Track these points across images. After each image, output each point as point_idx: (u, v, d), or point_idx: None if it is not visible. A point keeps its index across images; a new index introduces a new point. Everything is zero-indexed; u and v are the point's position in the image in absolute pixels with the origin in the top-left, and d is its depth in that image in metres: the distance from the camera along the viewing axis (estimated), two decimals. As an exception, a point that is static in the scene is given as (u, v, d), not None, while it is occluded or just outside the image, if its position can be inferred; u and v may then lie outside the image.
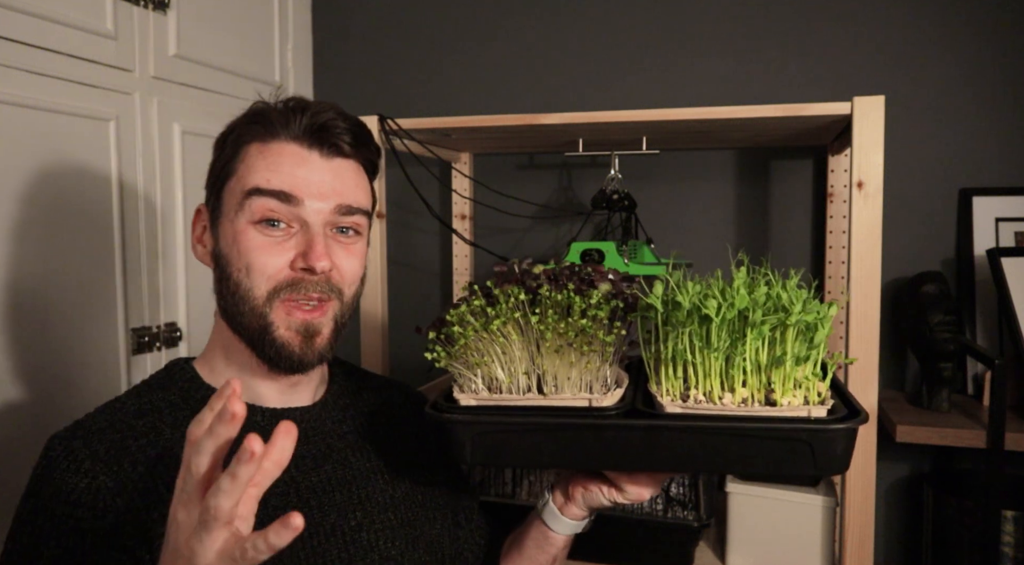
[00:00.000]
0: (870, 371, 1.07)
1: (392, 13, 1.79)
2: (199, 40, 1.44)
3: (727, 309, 0.75)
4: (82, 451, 0.77)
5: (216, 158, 0.87)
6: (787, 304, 0.76)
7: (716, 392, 0.77)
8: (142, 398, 0.84)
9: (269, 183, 0.80)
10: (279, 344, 0.81)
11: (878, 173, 1.07)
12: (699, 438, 0.75)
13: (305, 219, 0.82)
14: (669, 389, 0.79)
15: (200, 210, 0.88)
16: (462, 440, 0.79)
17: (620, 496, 0.88)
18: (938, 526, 1.36)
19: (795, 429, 0.73)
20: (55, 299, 1.18)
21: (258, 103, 0.86)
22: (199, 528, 0.55)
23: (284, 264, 0.81)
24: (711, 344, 0.76)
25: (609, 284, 0.87)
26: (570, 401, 0.79)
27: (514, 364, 0.81)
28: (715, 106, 1.21)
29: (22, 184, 1.13)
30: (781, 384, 0.76)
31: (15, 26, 1.10)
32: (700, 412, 0.76)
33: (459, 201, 1.70)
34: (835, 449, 0.73)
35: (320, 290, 0.82)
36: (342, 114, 0.85)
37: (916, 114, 1.52)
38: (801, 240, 1.60)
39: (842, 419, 0.73)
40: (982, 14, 1.48)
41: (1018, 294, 1.35)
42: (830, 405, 0.75)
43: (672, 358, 0.78)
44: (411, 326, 1.79)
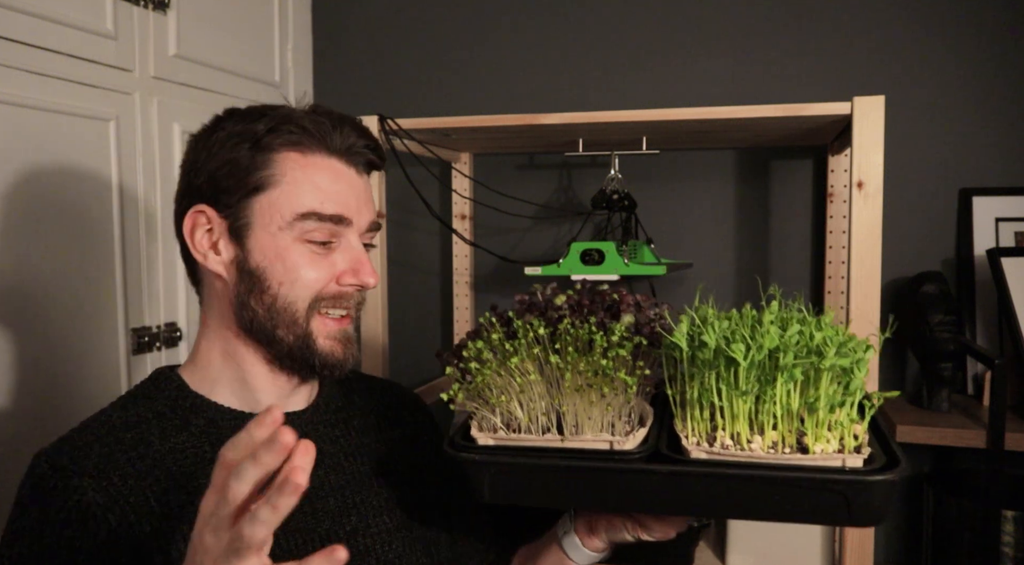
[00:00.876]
0: (870, 371, 1.07)
1: (392, 13, 1.78)
2: (199, 40, 1.44)
3: (755, 351, 0.70)
4: (69, 467, 0.75)
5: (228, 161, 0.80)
6: (821, 346, 0.71)
7: (744, 435, 0.73)
8: (128, 410, 0.83)
9: (324, 207, 0.81)
10: (323, 353, 0.83)
11: (878, 173, 1.07)
12: (725, 485, 0.71)
13: (345, 234, 0.84)
14: (695, 429, 0.75)
15: (203, 212, 0.82)
16: (480, 479, 0.77)
17: (645, 533, 0.87)
18: (938, 526, 1.36)
19: (829, 480, 0.68)
20: (55, 299, 1.18)
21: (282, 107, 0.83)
22: (229, 554, 0.55)
23: (330, 278, 0.83)
24: (739, 387, 0.72)
25: (632, 316, 0.83)
26: (591, 443, 0.76)
27: (533, 402, 0.78)
28: (715, 106, 1.21)
29: (22, 184, 1.13)
30: (813, 430, 0.71)
31: (15, 26, 1.10)
32: (727, 459, 0.71)
33: (459, 201, 1.70)
34: (872, 501, 0.68)
35: (357, 302, 0.86)
36: (363, 128, 0.86)
37: (916, 114, 1.52)
38: (801, 240, 1.60)
39: (880, 470, 0.68)
40: (982, 14, 1.48)
41: (1018, 294, 1.35)
42: (867, 453, 0.70)
43: (698, 399, 0.75)
44: (411, 326, 1.80)
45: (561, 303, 0.86)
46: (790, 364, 0.70)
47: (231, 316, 0.83)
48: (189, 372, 0.87)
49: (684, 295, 1.65)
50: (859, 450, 0.70)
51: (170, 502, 0.76)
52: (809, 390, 0.72)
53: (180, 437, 0.81)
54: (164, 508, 0.75)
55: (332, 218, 0.81)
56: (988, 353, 1.25)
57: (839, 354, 0.70)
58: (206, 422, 0.82)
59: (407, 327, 1.79)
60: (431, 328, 1.82)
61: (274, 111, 0.83)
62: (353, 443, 0.92)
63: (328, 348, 0.83)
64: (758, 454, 0.71)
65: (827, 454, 0.70)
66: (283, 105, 0.84)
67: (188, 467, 0.79)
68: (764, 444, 0.72)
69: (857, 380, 0.71)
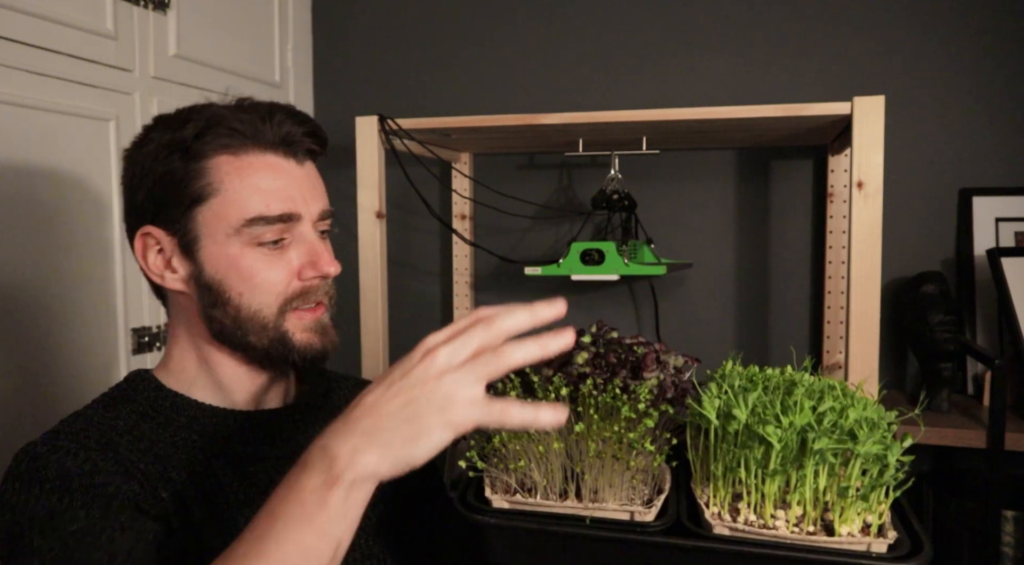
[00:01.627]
0: (870, 371, 1.07)
1: (392, 13, 1.79)
2: (199, 40, 1.44)
3: (787, 432, 0.68)
4: (71, 445, 0.73)
5: (162, 175, 0.79)
6: (854, 428, 0.68)
7: (769, 509, 0.71)
8: (111, 410, 0.82)
9: (269, 208, 0.78)
10: (302, 347, 0.82)
11: (878, 173, 1.07)
12: (746, 563, 0.70)
13: (298, 229, 0.81)
14: (717, 499, 0.74)
15: (149, 233, 0.81)
16: (492, 542, 0.76)
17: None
18: (938, 526, 1.35)
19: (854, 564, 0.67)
20: (55, 299, 1.18)
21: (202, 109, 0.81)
22: (467, 372, 0.61)
23: (291, 276, 0.81)
24: (768, 467, 0.70)
25: (656, 378, 0.80)
26: (612, 513, 0.74)
27: (552, 464, 0.76)
28: (715, 106, 1.21)
29: (22, 184, 1.13)
30: (839, 514, 0.69)
31: (15, 26, 1.10)
32: (751, 537, 0.70)
33: (459, 201, 1.70)
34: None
35: (326, 292, 0.84)
36: (299, 114, 0.83)
37: (916, 114, 1.52)
38: (801, 240, 1.60)
39: (905, 557, 0.67)
40: (982, 14, 1.48)
41: (1018, 294, 1.35)
42: (892, 538, 0.69)
43: (723, 473, 0.73)
44: (411, 326, 1.80)
45: (583, 361, 0.82)
46: (824, 448, 0.68)
47: (201, 326, 0.82)
48: (164, 375, 0.86)
49: (684, 295, 1.65)
50: (882, 531, 0.69)
51: (172, 480, 0.76)
52: (838, 468, 0.70)
53: (168, 430, 0.80)
54: (170, 483, 0.75)
55: (280, 218, 0.79)
56: (988, 353, 1.25)
57: (874, 439, 0.68)
58: (188, 419, 0.82)
59: (407, 327, 1.79)
60: (431, 328, 1.82)
61: (200, 113, 0.80)
62: None
63: (306, 341, 0.82)
64: (782, 532, 0.69)
65: (853, 537, 0.68)
66: (209, 104, 0.82)
67: (181, 454, 0.79)
68: (789, 520, 0.70)
69: (891, 468, 0.69)
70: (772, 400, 0.71)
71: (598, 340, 0.87)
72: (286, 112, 0.82)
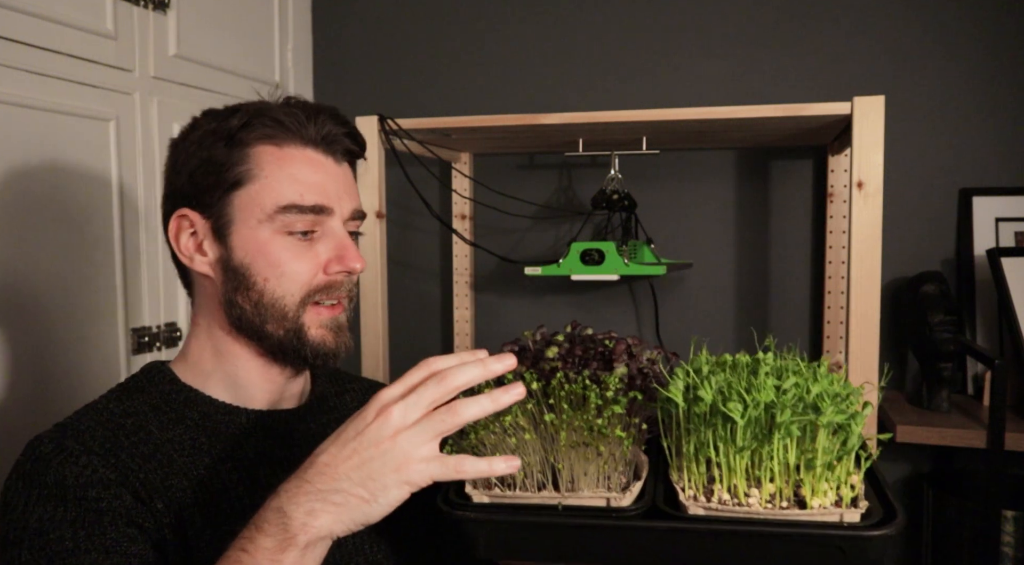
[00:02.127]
0: (870, 371, 1.07)
1: (392, 13, 1.78)
2: (199, 40, 1.44)
3: (752, 408, 0.70)
4: (74, 447, 0.74)
5: (205, 160, 0.81)
6: (817, 401, 0.70)
7: (742, 487, 0.73)
8: (123, 402, 0.82)
9: (303, 199, 0.80)
10: (315, 343, 0.82)
11: (878, 173, 1.07)
12: (723, 541, 0.71)
13: (328, 224, 0.83)
14: (692, 482, 0.75)
15: (185, 215, 0.82)
16: (475, 537, 0.77)
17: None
18: (938, 526, 1.36)
19: (827, 535, 0.69)
20: (55, 299, 1.18)
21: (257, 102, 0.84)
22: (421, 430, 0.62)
23: (317, 269, 0.82)
24: (736, 443, 0.72)
25: (626, 367, 0.82)
26: (588, 500, 0.75)
27: (528, 457, 0.77)
28: (715, 106, 1.21)
29: (22, 184, 1.13)
30: (811, 484, 0.71)
31: (15, 26, 1.10)
32: (725, 515, 0.71)
33: (459, 201, 1.70)
34: (870, 555, 0.69)
35: (348, 290, 0.85)
36: (340, 117, 0.85)
37: (916, 114, 1.52)
38: (801, 240, 1.60)
39: (877, 524, 0.69)
40: (982, 15, 1.48)
41: (1018, 294, 1.35)
42: (864, 507, 0.71)
43: (695, 453, 0.74)
44: (411, 326, 1.80)
45: (553, 355, 0.84)
46: (787, 421, 0.70)
47: (221, 315, 0.83)
48: (180, 368, 0.86)
49: (684, 295, 1.65)
50: (856, 502, 0.71)
51: (172, 486, 0.76)
52: (806, 443, 0.71)
53: (177, 429, 0.80)
54: (169, 491, 0.75)
55: (313, 209, 0.81)
56: (988, 353, 1.25)
57: (836, 408, 0.70)
58: (200, 415, 0.82)
59: (407, 327, 1.79)
60: (431, 328, 1.82)
61: (247, 106, 0.83)
62: None
63: (320, 337, 0.83)
64: (756, 509, 0.71)
65: (825, 509, 0.70)
66: (257, 101, 0.84)
67: (187, 456, 0.79)
68: (762, 498, 0.72)
69: (854, 436, 0.70)
70: (737, 380, 0.73)
71: (573, 337, 0.88)
72: (329, 113, 0.84)
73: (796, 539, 0.69)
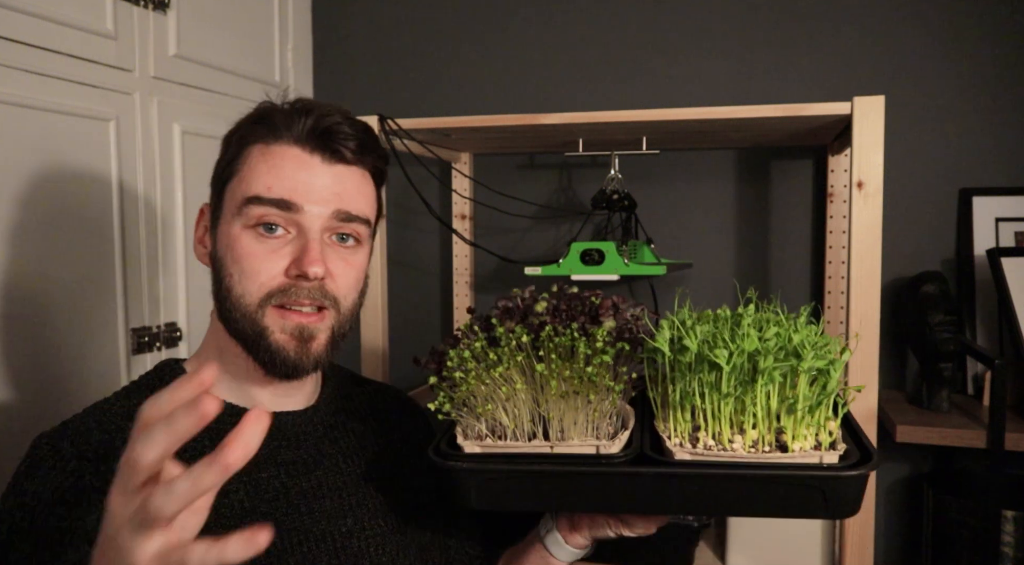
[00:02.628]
0: (870, 371, 1.07)
1: (392, 13, 1.78)
2: (199, 40, 1.44)
3: (737, 356, 0.73)
4: (69, 451, 0.75)
5: (220, 157, 0.86)
6: (799, 348, 0.73)
7: (726, 434, 0.75)
8: (131, 399, 0.82)
9: (270, 191, 0.79)
10: (274, 348, 0.80)
11: (878, 173, 1.07)
12: (709, 485, 0.74)
13: (303, 224, 0.80)
14: (678, 431, 0.77)
15: (203, 210, 0.87)
16: (467, 487, 0.77)
17: (627, 530, 0.87)
18: (938, 526, 1.36)
19: (808, 477, 0.72)
20: (55, 299, 1.18)
21: (264, 103, 0.85)
22: (134, 525, 0.47)
23: (279, 271, 0.80)
24: (721, 390, 0.74)
25: (614, 321, 0.84)
26: (577, 448, 0.77)
27: (519, 408, 0.79)
28: (715, 106, 1.21)
29: (22, 184, 1.13)
30: (792, 429, 0.74)
31: (15, 26, 1.10)
32: (710, 459, 0.74)
33: (459, 201, 1.70)
34: (847, 495, 0.72)
35: (313, 297, 0.80)
36: (349, 119, 0.83)
37: (916, 114, 1.52)
38: (801, 240, 1.60)
39: (855, 465, 0.72)
40: (982, 15, 1.48)
41: (1018, 294, 1.35)
42: (842, 450, 0.74)
43: (680, 401, 0.76)
44: (411, 326, 1.80)
45: (542, 309, 0.85)
46: (770, 367, 0.72)
47: (215, 308, 0.85)
48: (192, 365, 0.87)
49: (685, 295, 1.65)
50: (834, 446, 0.74)
51: None
52: (787, 391, 0.74)
53: None
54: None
55: (276, 203, 0.79)
56: (988, 353, 1.25)
57: (816, 356, 0.72)
58: None
59: (407, 327, 1.79)
60: (431, 328, 1.82)
61: (258, 108, 0.85)
62: (352, 445, 0.91)
63: (280, 343, 0.80)
64: (740, 454, 0.74)
65: (806, 452, 0.73)
66: (270, 102, 0.85)
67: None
68: (745, 443, 0.75)
69: (833, 381, 0.73)
70: (721, 330, 0.76)
71: (560, 296, 0.90)
72: (333, 112, 0.82)
73: (779, 481, 0.72)
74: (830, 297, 1.51)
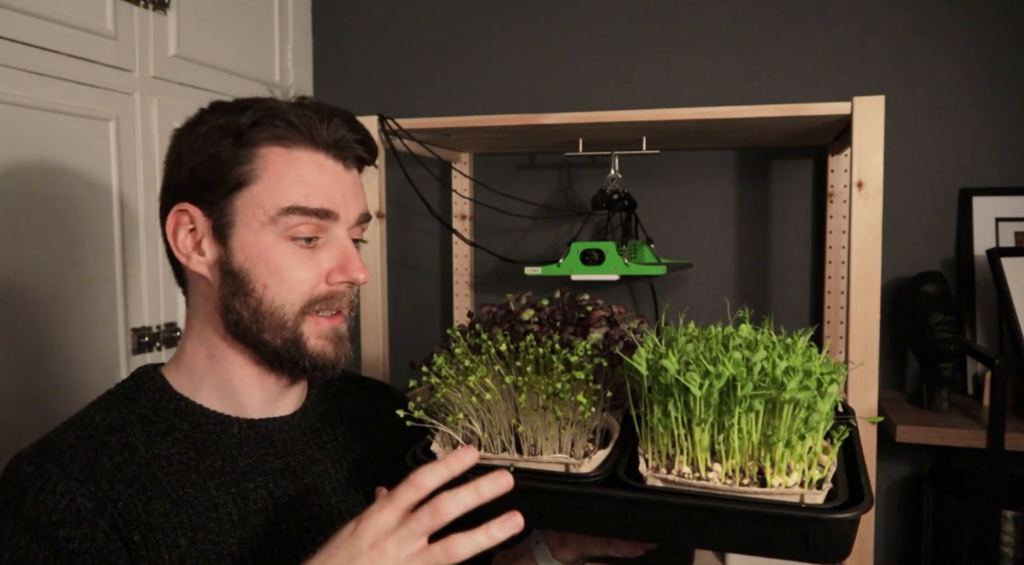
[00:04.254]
0: (870, 371, 1.07)
1: (392, 13, 1.79)
2: (199, 40, 1.44)
3: (714, 379, 0.67)
4: (54, 471, 0.72)
5: (211, 156, 0.78)
6: (781, 376, 0.67)
7: (704, 462, 0.71)
8: (111, 412, 0.80)
9: (308, 201, 0.78)
10: (315, 353, 0.80)
11: (878, 173, 1.07)
12: (680, 515, 0.70)
13: (333, 230, 0.81)
14: (655, 455, 0.74)
15: (185, 211, 0.79)
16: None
17: (612, 551, 0.86)
18: (938, 526, 1.36)
19: (783, 515, 0.65)
20: (55, 299, 1.18)
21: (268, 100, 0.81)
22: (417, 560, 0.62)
23: (319, 278, 0.80)
24: (695, 416, 0.70)
25: (602, 334, 0.81)
26: (547, 465, 0.74)
27: (493, 418, 0.77)
28: (715, 106, 1.21)
29: (22, 184, 1.13)
30: (771, 465, 0.68)
31: (15, 26, 1.10)
32: (681, 488, 0.70)
33: (459, 201, 1.70)
34: (830, 539, 0.65)
35: (350, 300, 0.83)
36: (353, 121, 0.83)
37: (916, 114, 1.52)
38: (801, 240, 1.60)
39: (839, 508, 0.65)
40: (982, 15, 1.48)
41: (1018, 294, 1.35)
42: (827, 489, 0.67)
43: (659, 424, 0.73)
44: (411, 326, 1.80)
45: (529, 318, 0.83)
46: (748, 395, 0.67)
47: (216, 319, 0.80)
48: (173, 372, 0.84)
49: (684, 295, 1.65)
50: (821, 484, 0.68)
51: (154, 510, 0.74)
52: (774, 420, 0.69)
53: (164, 443, 0.78)
54: (150, 517, 0.73)
55: (317, 212, 0.78)
56: (988, 353, 1.25)
57: (804, 385, 0.67)
58: (191, 426, 0.80)
59: (407, 327, 1.79)
60: (431, 328, 1.82)
61: (259, 104, 0.79)
62: (340, 448, 0.90)
63: (319, 348, 0.80)
64: (715, 484, 0.69)
65: (785, 488, 0.67)
66: (269, 98, 0.81)
67: (173, 474, 0.77)
68: (722, 473, 0.70)
69: (818, 415, 0.67)
70: (704, 352, 0.71)
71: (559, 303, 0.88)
72: (343, 117, 0.82)
73: (753, 517, 0.66)
74: (830, 297, 1.51)
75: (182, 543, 0.73)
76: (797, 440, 0.68)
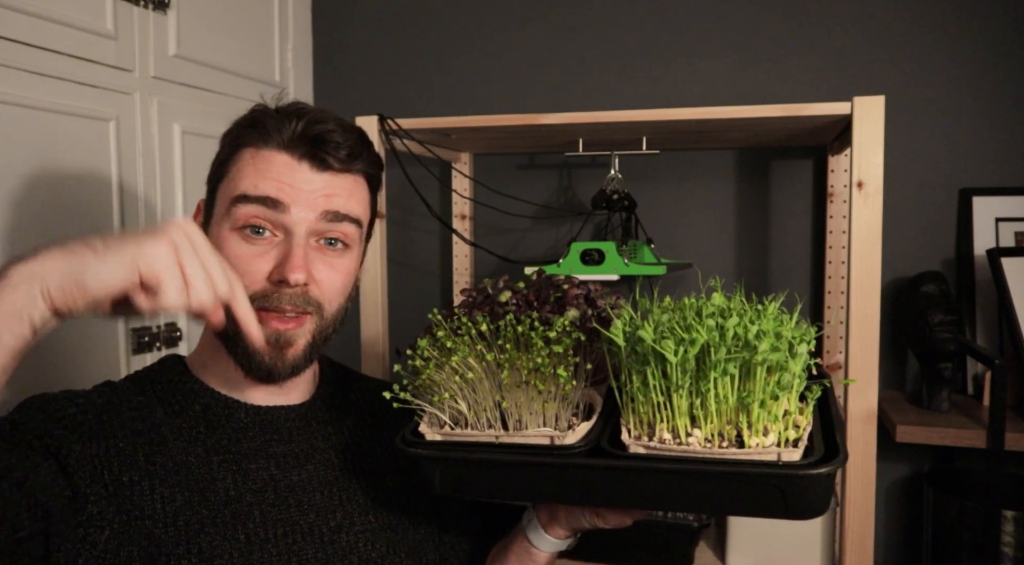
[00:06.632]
0: (870, 371, 1.07)
1: (392, 13, 1.78)
2: (199, 40, 1.44)
3: (688, 346, 0.69)
4: (79, 397, 0.80)
5: (216, 156, 0.87)
6: (753, 340, 0.69)
7: (684, 428, 0.73)
8: (138, 383, 0.86)
9: (256, 189, 0.79)
10: (250, 353, 0.81)
11: (878, 173, 1.07)
12: (663, 480, 0.72)
13: (289, 227, 0.80)
14: (637, 424, 0.75)
15: (200, 206, 0.88)
16: (430, 473, 0.79)
17: (601, 522, 0.87)
18: (938, 526, 1.36)
19: (762, 474, 0.68)
20: (55, 299, 1.18)
21: (259, 106, 0.86)
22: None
23: (262, 275, 0.80)
24: (672, 383, 0.71)
25: (576, 311, 0.83)
26: (531, 439, 0.76)
27: (478, 397, 0.78)
28: (715, 106, 1.21)
29: (22, 184, 1.13)
30: (747, 425, 0.71)
31: (15, 26, 1.10)
32: (663, 454, 0.72)
33: (459, 201, 1.70)
34: (808, 494, 0.68)
35: (295, 303, 0.81)
36: (341, 126, 0.83)
37: (916, 114, 1.52)
38: (801, 240, 1.60)
39: (815, 463, 0.68)
40: (982, 14, 1.48)
41: (1018, 294, 1.35)
42: (803, 447, 0.70)
43: (639, 393, 0.74)
44: (411, 326, 1.80)
45: (507, 300, 0.85)
46: (722, 359, 0.69)
47: None
48: (193, 360, 0.90)
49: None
50: (798, 443, 0.70)
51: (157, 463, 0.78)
52: (748, 384, 0.71)
53: (178, 420, 0.83)
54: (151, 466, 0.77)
55: (263, 200, 0.79)
56: (988, 353, 1.25)
57: (775, 347, 0.69)
58: (202, 408, 0.84)
59: (407, 327, 1.79)
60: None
61: (253, 110, 0.85)
62: (345, 441, 0.92)
63: (256, 349, 0.80)
64: (694, 448, 0.71)
65: (763, 448, 0.70)
66: (263, 105, 0.86)
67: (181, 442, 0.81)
68: (702, 438, 0.72)
69: (789, 375, 0.70)
70: (679, 321, 0.73)
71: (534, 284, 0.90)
72: (323, 118, 0.82)
73: (733, 478, 0.69)
74: (830, 297, 1.51)
75: (178, 499, 0.76)
76: (771, 400, 0.70)
